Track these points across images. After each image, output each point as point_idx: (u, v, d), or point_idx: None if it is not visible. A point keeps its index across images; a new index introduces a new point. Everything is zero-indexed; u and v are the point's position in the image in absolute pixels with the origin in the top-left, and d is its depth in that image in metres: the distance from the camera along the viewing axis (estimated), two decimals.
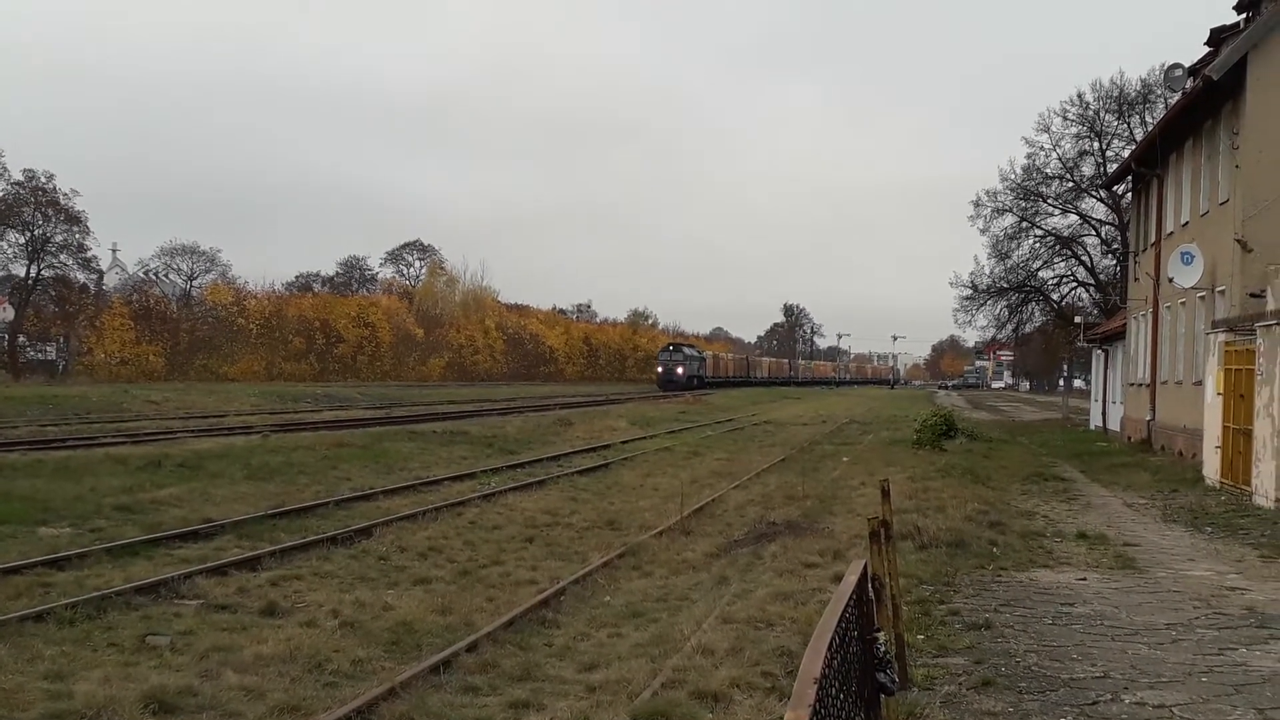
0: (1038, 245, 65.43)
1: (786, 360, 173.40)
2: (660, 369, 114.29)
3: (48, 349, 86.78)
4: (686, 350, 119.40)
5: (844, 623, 4.19)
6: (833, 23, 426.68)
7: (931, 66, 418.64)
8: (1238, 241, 25.37)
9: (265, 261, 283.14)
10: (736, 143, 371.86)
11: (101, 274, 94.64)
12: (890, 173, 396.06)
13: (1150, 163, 35.22)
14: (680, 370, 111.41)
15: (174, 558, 15.51)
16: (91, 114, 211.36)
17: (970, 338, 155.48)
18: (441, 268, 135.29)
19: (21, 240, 79.47)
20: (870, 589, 5.44)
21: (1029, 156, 63.76)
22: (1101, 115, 61.38)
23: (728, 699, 8.83)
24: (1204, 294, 28.18)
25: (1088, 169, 62.74)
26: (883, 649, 4.96)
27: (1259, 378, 20.59)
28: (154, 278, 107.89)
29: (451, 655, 10.54)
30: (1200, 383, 26.44)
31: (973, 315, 69.31)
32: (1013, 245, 65.00)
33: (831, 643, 3.67)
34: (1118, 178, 46.80)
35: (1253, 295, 24.30)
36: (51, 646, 10.62)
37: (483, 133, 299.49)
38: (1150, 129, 41.96)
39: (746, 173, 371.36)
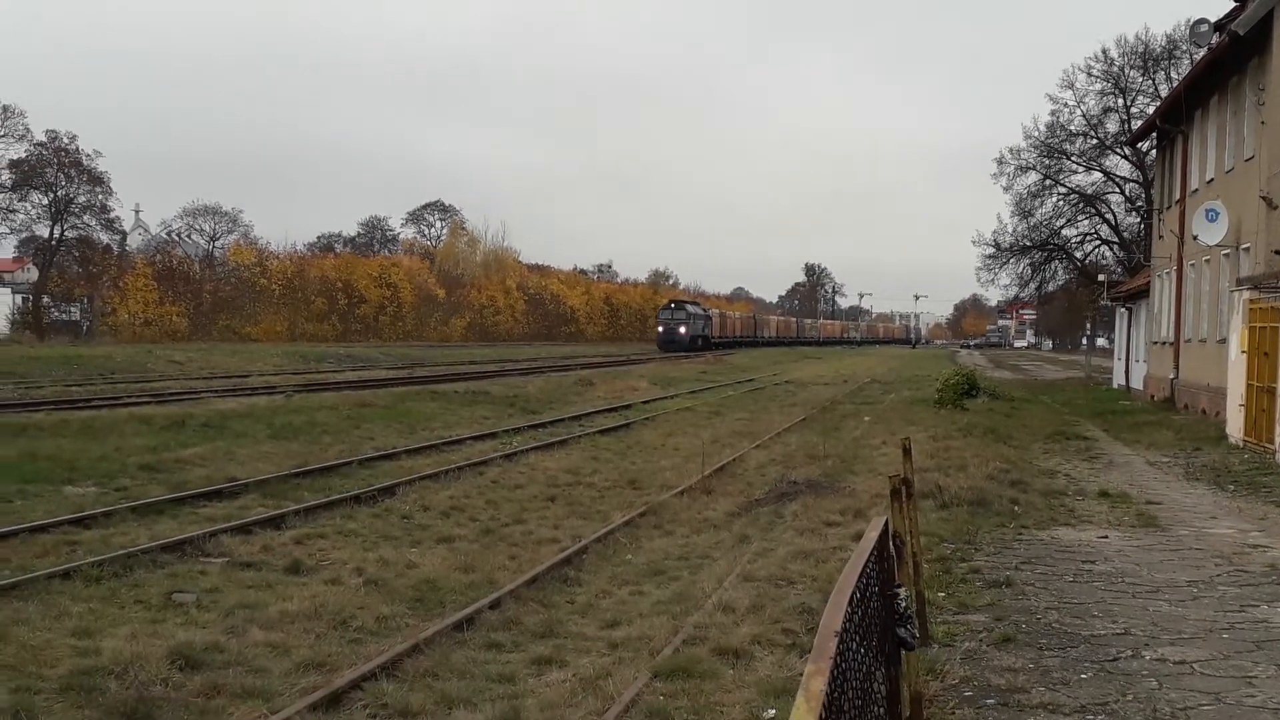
0: (1061, 203, 65.09)
1: (794, 319, 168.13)
2: (660, 329, 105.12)
3: (72, 309, 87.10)
4: (690, 308, 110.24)
5: (865, 578, 4.20)
6: None
7: (958, 27, 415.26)
8: (1263, 198, 25.16)
9: (287, 222, 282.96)
10: (760, 103, 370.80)
11: (124, 234, 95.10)
12: (914, 132, 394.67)
13: (1175, 119, 34.93)
14: (683, 330, 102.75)
15: (199, 516, 15.63)
16: (114, 76, 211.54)
17: (993, 296, 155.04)
18: (463, 228, 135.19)
19: (45, 201, 79.84)
20: (891, 545, 5.45)
21: (1053, 113, 63.45)
22: (1126, 71, 60.90)
23: (749, 655, 8.89)
24: (1228, 251, 28.00)
25: (1112, 126, 62.31)
26: (903, 605, 4.97)
27: None
28: (177, 238, 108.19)
29: (475, 612, 10.62)
30: (1224, 341, 26.30)
31: (995, 274, 69.06)
32: (1036, 203, 64.66)
33: (852, 597, 3.68)
34: (1142, 134, 46.37)
35: (1277, 253, 24.13)
36: (79, 604, 10.73)
37: (504, 93, 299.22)
38: (1175, 85, 41.58)
39: (769, 133, 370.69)
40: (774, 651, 8.95)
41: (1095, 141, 62.89)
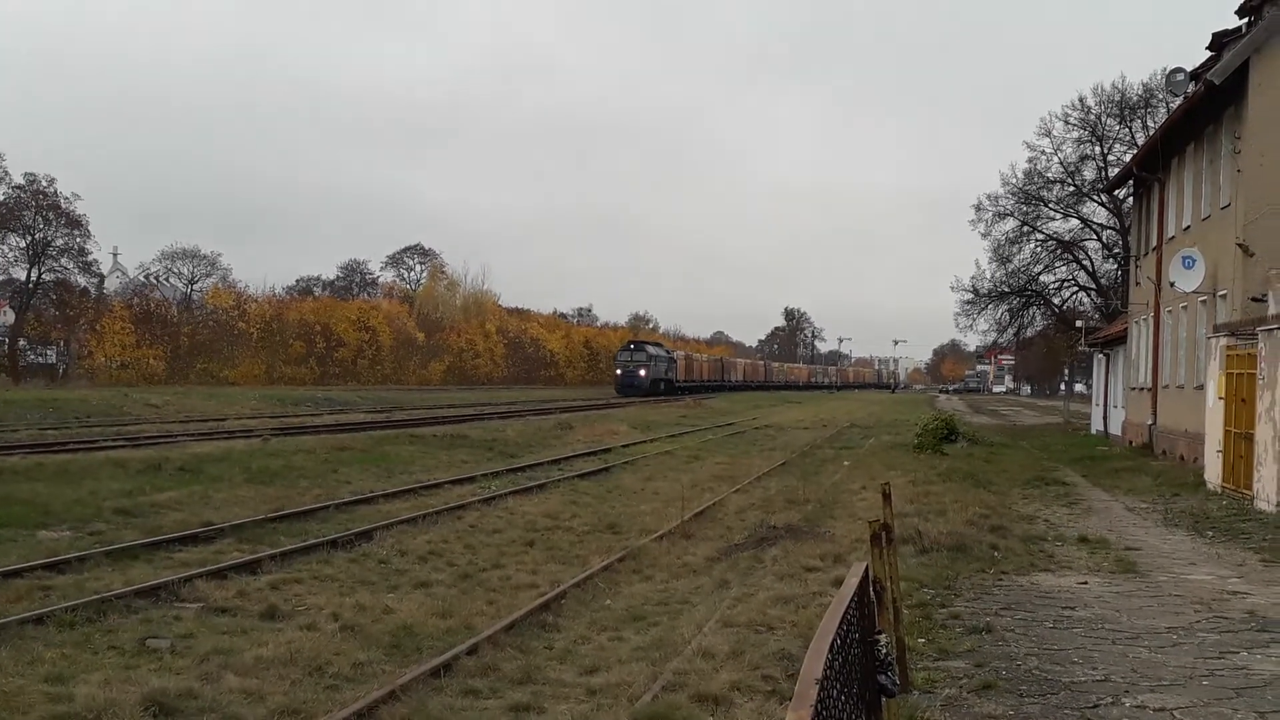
0: (1039, 249, 65.60)
1: (762, 363, 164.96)
2: (619, 371, 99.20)
3: (48, 353, 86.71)
4: (651, 349, 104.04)
5: (845, 625, 4.18)
6: (837, 30, 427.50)
7: (934, 73, 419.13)
8: (1239, 246, 25.36)
9: (265, 265, 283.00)
10: (739, 147, 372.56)
11: (102, 278, 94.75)
12: (894, 178, 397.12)
13: (1152, 167, 35.21)
14: (643, 372, 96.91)
15: (174, 561, 15.49)
16: (92, 119, 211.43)
17: (971, 342, 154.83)
18: (442, 271, 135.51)
19: (22, 244, 79.68)
20: (871, 591, 5.43)
21: (1030, 161, 63.97)
22: (1103, 119, 61.56)
23: (728, 702, 8.83)
24: (1205, 298, 28.18)
25: (1089, 173, 62.96)
26: (884, 651, 4.95)
27: (1260, 382, 20.57)
28: (154, 281, 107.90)
29: (452, 658, 10.53)
30: (1201, 387, 26.41)
31: (974, 319, 69.44)
32: (1014, 249, 65.18)
33: (833, 644, 3.66)
34: (1119, 182, 46.82)
35: (1254, 299, 24.30)
36: (52, 649, 10.61)
37: (485, 138, 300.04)
38: (1152, 133, 41.97)
39: (749, 177, 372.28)
40: (754, 698, 8.89)
41: (1073, 189, 63.53)
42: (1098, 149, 62.21)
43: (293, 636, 11.26)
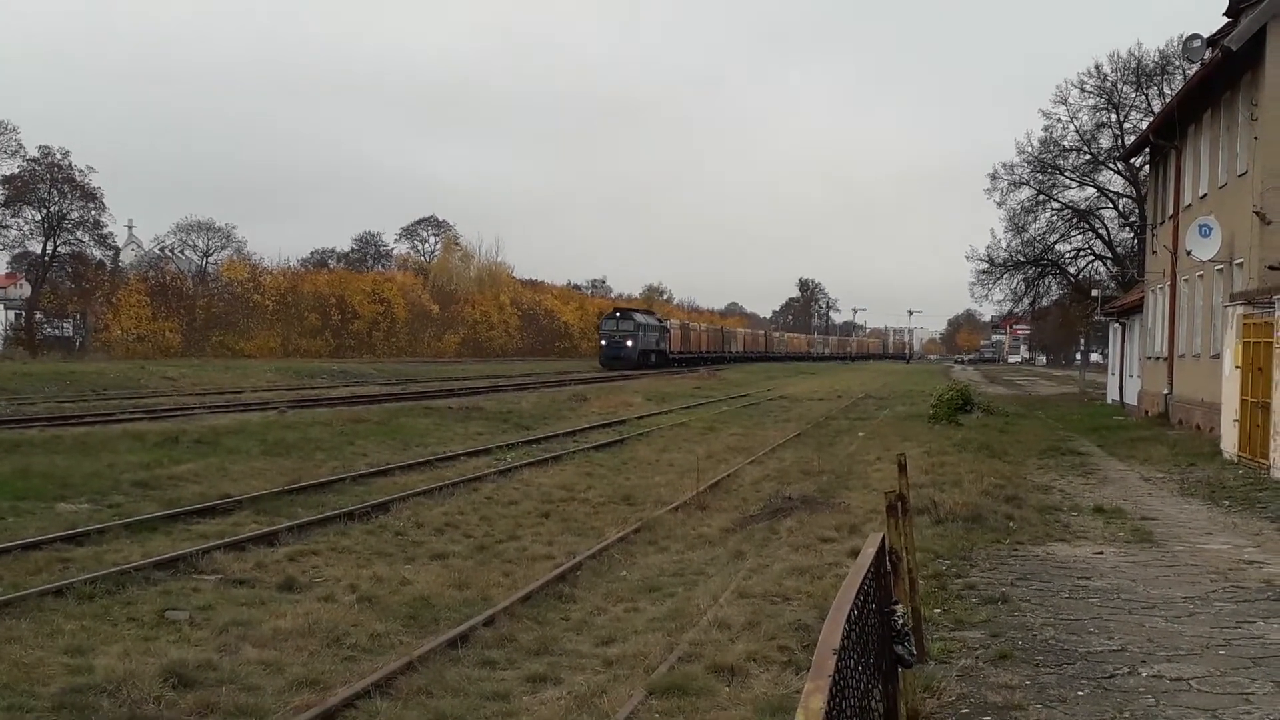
0: (1054, 218, 65.20)
1: (763, 333, 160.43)
2: (603, 342, 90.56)
3: (64, 326, 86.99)
4: (639, 317, 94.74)
5: (862, 595, 4.19)
6: (853, 4, 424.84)
7: (950, 45, 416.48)
8: (1256, 214, 25.21)
9: (281, 238, 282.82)
10: (754, 120, 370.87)
11: (117, 250, 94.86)
12: (909, 148, 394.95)
13: (1168, 135, 34.99)
14: (630, 343, 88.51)
15: (192, 533, 15.57)
16: (107, 91, 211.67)
17: (987, 312, 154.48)
18: (456, 243, 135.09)
19: (38, 217, 79.78)
20: (887, 562, 5.44)
21: (1046, 129, 63.43)
22: (1119, 87, 61.05)
23: (744, 672, 8.86)
24: (1222, 267, 28.05)
25: (1105, 141, 62.44)
26: (900, 621, 4.96)
27: (1277, 351, 20.49)
28: (170, 254, 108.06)
29: (469, 629, 10.58)
30: (1218, 356, 26.31)
31: (989, 289, 69.05)
32: (1029, 218, 64.76)
33: (850, 614, 3.67)
34: (1135, 150, 46.54)
35: (1271, 268, 24.19)
36: (71, 621, 10.68)
37: (499, 109, 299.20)
38: (1168, 101, 41.70)
39: (764, 149, 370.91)
40: (770, 669, 8.93)
41: (1089, 157, 63.08)
42: (1114, 117, 61.81)
43: (310, 608, 11.33)
